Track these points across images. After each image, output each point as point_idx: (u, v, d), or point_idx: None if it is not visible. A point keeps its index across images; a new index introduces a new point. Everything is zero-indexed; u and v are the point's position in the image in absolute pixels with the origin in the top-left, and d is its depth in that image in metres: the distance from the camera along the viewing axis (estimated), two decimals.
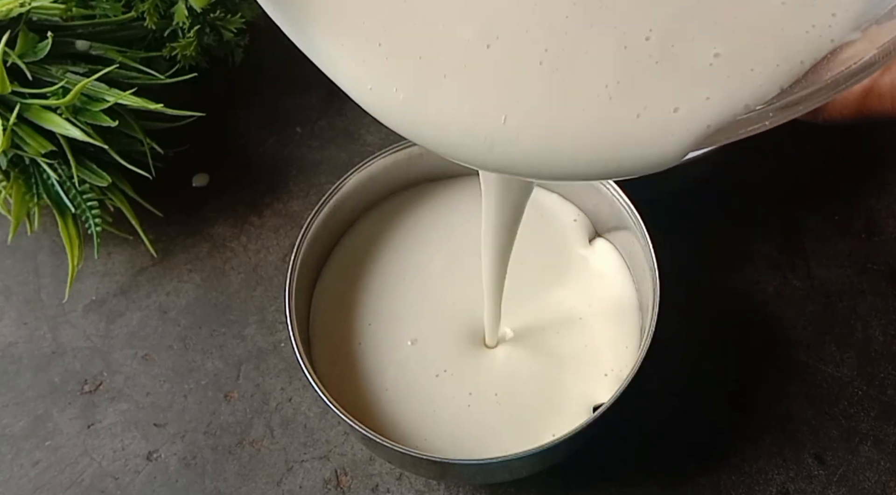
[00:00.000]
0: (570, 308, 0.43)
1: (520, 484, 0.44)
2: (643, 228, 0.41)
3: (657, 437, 0.45)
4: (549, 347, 0.42)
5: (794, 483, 0.44)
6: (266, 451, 0.46)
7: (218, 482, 0.46)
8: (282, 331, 0.50)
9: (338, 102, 0.56)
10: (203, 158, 0.55)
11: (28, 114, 0.46)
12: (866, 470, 0.44)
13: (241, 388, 0.48)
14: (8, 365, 0.50)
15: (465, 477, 0.42)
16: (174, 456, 0.47)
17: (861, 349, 0.47)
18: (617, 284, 0.44)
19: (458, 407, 0.41)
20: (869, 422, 0.45)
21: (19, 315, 0.51)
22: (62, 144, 0.46)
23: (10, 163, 0.47)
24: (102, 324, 0.51)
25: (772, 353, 0.47)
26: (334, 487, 0.45)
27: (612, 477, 0.45)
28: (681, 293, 0.41)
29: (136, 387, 0.49)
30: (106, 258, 0.52)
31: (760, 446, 0.45)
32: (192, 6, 0.50)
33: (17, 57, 0.45)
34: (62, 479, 0.46)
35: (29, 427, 0.48)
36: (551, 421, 0.40)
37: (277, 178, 0.54)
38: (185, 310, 0.51)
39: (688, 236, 0.50)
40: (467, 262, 0.44)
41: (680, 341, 0.45)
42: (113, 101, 0.46)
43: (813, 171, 0.53)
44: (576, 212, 0.46)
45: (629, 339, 0.42)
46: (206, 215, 0.54)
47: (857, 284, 0.49)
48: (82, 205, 0.48)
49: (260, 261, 0.52)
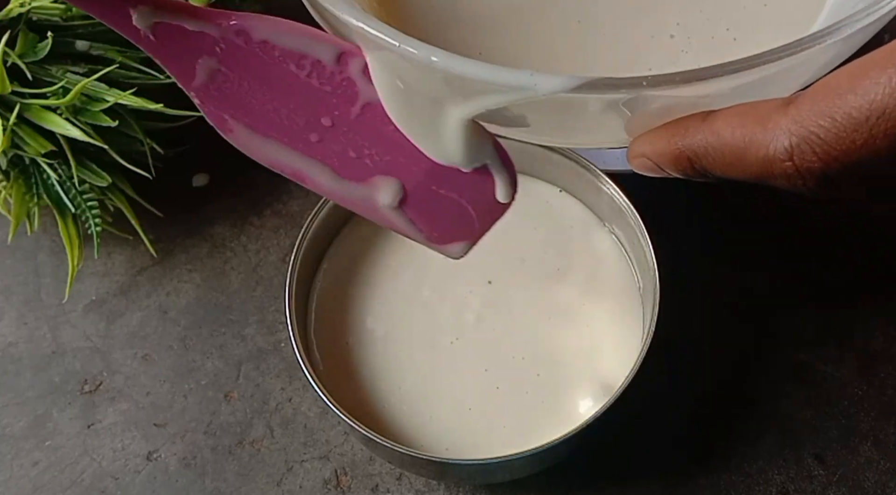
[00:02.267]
0: (571, 308, 0.43)
1: (520, 484, 0.44)
2: (643, 227, 0.41)
3: (657, 437, 0.46)
4: (549, 347, 0.42)
5: (794, 483, 0.44)
6: (266, 451, 0.46)
7: (218, 482, 0.46)
8: (282, 331, 0.50)
9: None
10: (203, 158, 0.55)
11: (28, 114, 0.46)
12: (866, 470, 0.44)
13: (241, 388, 0.48)
14: (8, 365, 0.50)
15: (465, 477, 0.42)
16: (174, 456, 0.47)
17: (861, 349, 0.47)
18: (617, 284, 0.44)
19: (458, 407, 0.41)
20: (869, 422, 0.45)
21: (19, 315, 0.51)
22: (62, 144, 0.46)
23: (10, 163, 0.47)
24: (102, 324, 0.51)
25: (772, 353, 0.47)
26: (334, 487, 0.45)
27: (612, 477, 0.45)
28: (681, 293, 0.41)
29: (136, 387, 0.49)
30: (106, 258, 0.52)
31: (760, 446, 0.45)
32: None
33: (17, 57, 0.45)
34: (62, 479, 0.46)
35: (29, 427, 0.48)
36: (551, 421, 0.40)
37: (277, 178, 0.54)
38: (185, 310, 0.51)
39: (688, 236, 0.50)
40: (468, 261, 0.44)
41: (680, 341, 0.45)
42: (113, 101, 0.46)
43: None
44: (578, 207, 0.46)
45: (629, 339, 0.42)
46: (206, 215, 0.54)
47: (857, 284, 0.49)
48: (82, 205, 0.48)
49: (260, 261, 0.52)
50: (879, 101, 0.23)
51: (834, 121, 0.24)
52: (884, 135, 0.23)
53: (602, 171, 0.42)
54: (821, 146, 0.24)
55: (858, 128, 0.24)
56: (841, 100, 0.24)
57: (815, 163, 0.25)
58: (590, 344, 0.42)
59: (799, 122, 0.25)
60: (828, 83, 0.25)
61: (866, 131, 0.24)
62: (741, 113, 0.26)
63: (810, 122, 0.24)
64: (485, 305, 0.43)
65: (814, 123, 0.24)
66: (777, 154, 0.25)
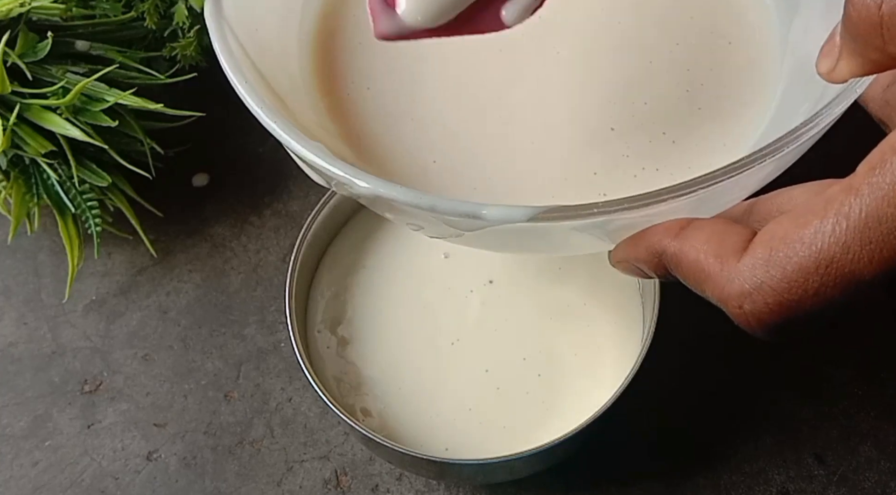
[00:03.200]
0: (571, 308, 0.43)
1: (520, 484, 0.44)
2: None
3: (657, 437, 0.46)
4: (549, 347, 0.42)
5: (794, 483, 0.44)
6: (266, 451, 0.46)
7: (218, 482, 0.46)
8: (282, 331, 0.50)
9: None
10: (203, 158, 0.55)
11: (28, 114, 0.46)
12: (866, 470, 0.44)
13: (241, 388, 0.48)
14: (8, 365, 0.50)
15: (465, 477, 0.42)
16: (174, 456, 0.47)
17: (861, 349, 0.47)
18: (617, 284, 0.44)
19: (458, 407, 0.41)
20: (869, 422, 0.45)
21: (19, 315, 0.51)
22: (62, 144, 0.46)
23: (10, 163, 0.47)
24: (102, 324, 0.51)
25: (772, 353, 0.47)
26: (334, 487, 0.45)
27: (612, 477, 0.45)
28: (681, 293, 0.41)
29: (136, 387, 0.49)
30: (106, 258, 0.52)
31: (760, 446, 0.45)
32: (192, 6, 0.50)
33: (17, 57, 0.45)
34: (62, 479, 0.46)
35: (29, 427, 0.48)
36: (551, 421, 0.40)
37: (277, 178, 0.54)
38: (185, 310, 0.51)
39: None
40: (469, 261, 0.44)
41: (680, 341, 0.45)
42: (113, 101, 0.46)
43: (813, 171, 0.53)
44: None
45: (629, 339, 0.42)
46: (206, 215, 0.54)
47: None
48: (82, 205, 0.48)
49: (260, 261, 0.52)
50: (826, 250, 0.23)
51: (784, 272, 0.24)
52: (834, 283, 0.24)
53: None
54: (773, 297, 0.25)
55: (808, 277, 0.24)
56: (790, 250, 0.24)
57: (765, 312, 0.25)
58: (590, 344, 0.42)
59: (752, 270, 0.25)
60: (775, 232, 0.25)
61: (817, 281, 0.24)
62: (706, 239, 0.27)
63: (762, 272, 0.25)
64: (485, 305, 0.43)
65: (766, 274, 0.25)
66: (730, 297, 0.26)
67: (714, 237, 0.27)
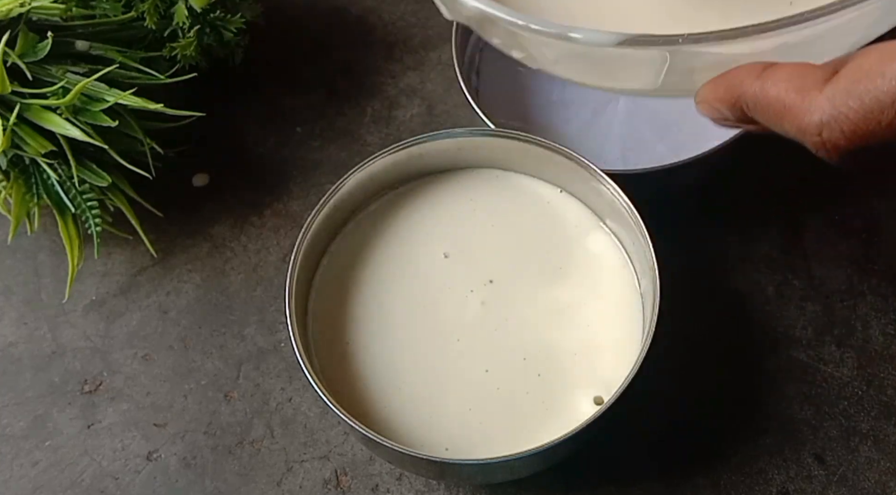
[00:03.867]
0: (571, 308, 0.43)
1: (520, 484, 0.44)
2: (643, 228, 0.41)
3: (657, 437, 0.46)
4: (549, 347, 0.42)
5: (794, 483, 0.44)
6: (266, 451, 0.46)
7: (218, 482, 0.46)
8: (282, 331, 0.50)
9: (337, 102, 0.56)
10: (203, 158, 0.55)
11: (28, 114, 0.46)
12: (866, 470, 0.44)
13: (241, 388, 0.48)
14: (8, 365, 0.50)
15: (465, 477, 0.42)
16: (174, 456, 0.47)
17: (861, 349, 0.47)
18: (617, 284, 0.44)
19: (458, 407, 0.41)
20: (869, 422, 0.45)
21: (19, 315, 0.51)
22: (62, 144, 0.46)
23: (10, 163, 0.47)
24: (102, 324, 0.51)
25: (772, 353, 0.47)
26: (334, 487, 0.45)
27: (612, 477, 0.45)
28: (681, 293, 0.41)
29: (136, 387, 0.49)
30: (106, 258, 0.52)
31: (760, 446, 0.45)
32: (192, 6, 0.50)
33: (17, 57, 0.45)
34: (62, 479, 0.46)
35: (29, 427, 0.48)
36: (551, 421, 0.40)
37: (277, 178, 0.54)
38: (185, 310, 0.51)
39: (688, 236, 0.50)
40: (469, 261, 0.44)
41: (680, 341, 0.45)
42: (113, 101, 0.46)
43: (813, 171, 0.53)
44: (578, 207, 0.46)
45: (629, 339, 0.42)
46: (206, 215, 0.54)
47: (857, 284, 0.49)
48: (82, 205, 0.48)
49: (260, 261, 0.52)
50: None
51: (862, 103, 0.26)
52: None
53: (602, 171, 0.42)
54: (848, 126, 0.26)
55: (885, 110, 0.25)
56: (871, 83, 0.26)
57: (841, 140, 0.27)
58: (590, 344, 0.42)
59: (832, 101, 0.27)
60: (861, 64, 0.26)
61: (891, 114, 0.25)
62: (787, 77, 0.28)
63: (841, 102, 0.26)
64: (485, 305, 0.43)
65: (844, 104, 0.26)
66: (809, 127, 0.27)
67: (796, 74, 0.28)
